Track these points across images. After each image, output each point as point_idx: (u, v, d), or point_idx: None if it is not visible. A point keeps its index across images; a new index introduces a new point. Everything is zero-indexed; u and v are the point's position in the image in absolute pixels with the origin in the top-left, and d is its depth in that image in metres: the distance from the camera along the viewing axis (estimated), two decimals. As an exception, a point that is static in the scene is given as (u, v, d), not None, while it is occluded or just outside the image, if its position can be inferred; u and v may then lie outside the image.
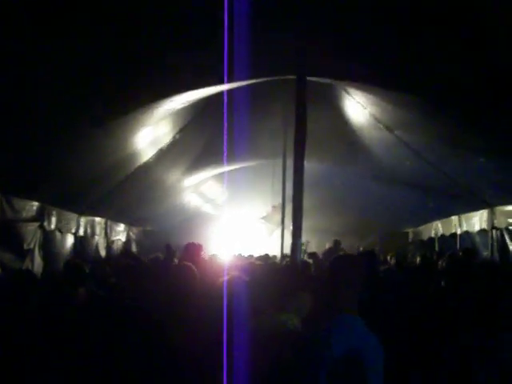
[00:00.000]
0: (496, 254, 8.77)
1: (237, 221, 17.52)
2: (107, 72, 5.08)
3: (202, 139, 9.54)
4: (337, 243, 10.74)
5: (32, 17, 3.82)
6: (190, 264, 3.66)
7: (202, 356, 3.08)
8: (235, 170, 14.36)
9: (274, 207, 15.96)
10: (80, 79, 4.99)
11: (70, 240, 9.14)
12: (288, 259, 6.08)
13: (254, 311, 3.35)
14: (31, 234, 7.57)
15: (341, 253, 2.84)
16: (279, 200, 11.13)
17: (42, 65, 4.53)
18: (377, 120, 8.07)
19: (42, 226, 7.84)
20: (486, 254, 9.09)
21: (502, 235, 8.58)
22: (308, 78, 5.70)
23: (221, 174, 14.36)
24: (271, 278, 4.62)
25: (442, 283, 5.12)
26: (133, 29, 4.51)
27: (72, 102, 5.33)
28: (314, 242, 14.22)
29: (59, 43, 4.29)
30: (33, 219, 7.53)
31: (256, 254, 10.92)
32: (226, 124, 5.90)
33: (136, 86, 5.63)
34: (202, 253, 4.99)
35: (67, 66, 4.71)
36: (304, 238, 5.25)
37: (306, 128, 5.08)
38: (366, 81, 6.44)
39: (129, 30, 4.50)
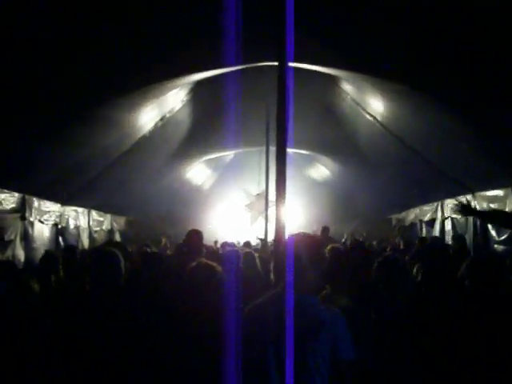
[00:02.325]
0: (477, 239, 8.86)
1: (223, 208, 17.52)
2: (91, 59, 4.98)
3: (187, 126, 9.47)
4: (325, 230, 10.52)
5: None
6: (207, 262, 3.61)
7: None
8: (222, 157, 14.31)
9: (257, 195, 15.97)
10: (59, 67, 4.88)
11: (51, 231, 9.02)
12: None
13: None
14: (12, 225, 7.45)
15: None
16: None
17: (21, 54, 4.41)
18: (361, 107, 8.09)
19: (23, 217, 7.72)
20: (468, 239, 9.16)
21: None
22: (291, 65, 5.65)
23: (207, 161, 14.29)
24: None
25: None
26: (119, 18, 4.44)
27: (52, 91, 5.22)
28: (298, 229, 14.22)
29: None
30: (13, 210, 7.40)
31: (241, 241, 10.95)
32: (212, 111, 5.84)
33: (113, 75, 5.54)
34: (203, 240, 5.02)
35: (49, 54, 4.60)
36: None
37: (288, 115, 5.04)
38: (351, 68, 6.43)
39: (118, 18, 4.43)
